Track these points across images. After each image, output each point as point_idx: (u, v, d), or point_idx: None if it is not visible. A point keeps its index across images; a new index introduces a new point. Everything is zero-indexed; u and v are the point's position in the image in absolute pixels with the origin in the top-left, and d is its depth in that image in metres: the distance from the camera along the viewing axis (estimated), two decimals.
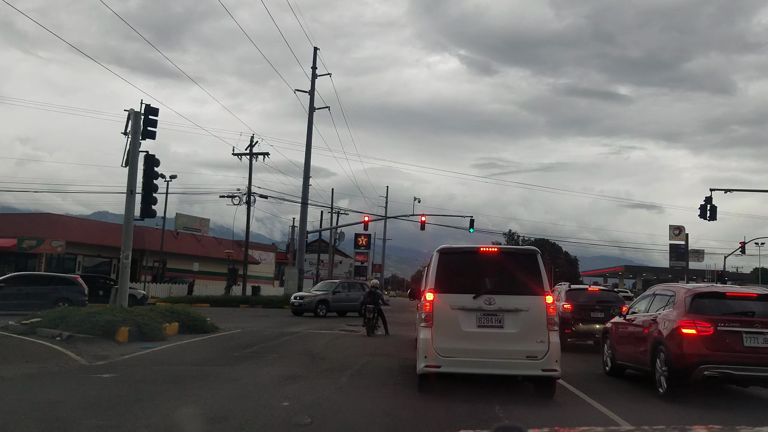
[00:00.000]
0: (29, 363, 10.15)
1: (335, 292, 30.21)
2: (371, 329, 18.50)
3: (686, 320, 8.81)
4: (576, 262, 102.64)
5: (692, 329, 8.68)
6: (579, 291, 17.90)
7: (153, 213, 18.41)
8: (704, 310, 8.93)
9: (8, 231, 42.00)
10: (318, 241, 64.05)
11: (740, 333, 8.52)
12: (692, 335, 8.66)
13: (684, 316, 8.92)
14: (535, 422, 7.13)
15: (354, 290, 31.10)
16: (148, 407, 7.18)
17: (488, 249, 9.36)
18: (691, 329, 8.69)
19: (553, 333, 8.27)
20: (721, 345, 8.49)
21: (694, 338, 8.62)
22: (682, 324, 8.82)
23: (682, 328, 8.78)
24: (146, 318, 14.67)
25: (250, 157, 38.71)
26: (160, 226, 45.43)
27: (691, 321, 8.75)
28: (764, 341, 8.46)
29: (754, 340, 8.48)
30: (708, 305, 9.09)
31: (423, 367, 8.29)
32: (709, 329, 8.58)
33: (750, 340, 8.47)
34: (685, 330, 8.74)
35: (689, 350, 8.60)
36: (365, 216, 44.83)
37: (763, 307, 8.96)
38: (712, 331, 8.55)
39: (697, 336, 8.61)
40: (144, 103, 17.92)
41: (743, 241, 47.07)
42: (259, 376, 9.83)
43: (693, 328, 8.68)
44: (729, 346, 8.47)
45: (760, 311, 8.85)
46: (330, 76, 41.56)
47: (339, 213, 54.88)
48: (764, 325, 8.56)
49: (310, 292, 31.76)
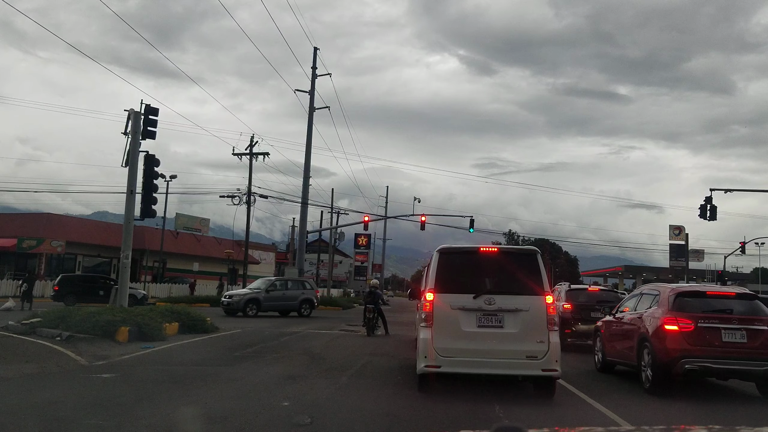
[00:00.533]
0: (29, 363, 10.14)
1: (269, 290, 28.05)
2: (371, 329, 18.51)
3: (669, 317, 9.31)
4: (576, 262, 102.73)
5: (674, 326, 9.19)
6: (579, 291, 17.91)
7: (153, 213, 18.41)
8: (686, 308, 9.44)
9: (8, 231, 42.03)
10: (318, 241, 64.06)
11: (719, 329, 9.05)
12: (674, 332, 9.16)
13: (667, 313, 9.42)
14: (536, 422, 7.12)
15: (294, 288, 29.08)
16: (148, 407, 7.18)
17: (488, 249, 9.36)
18: (674, 326, 9.19)
19: (553, 333, 8.28)
20: (701, 340, 9.00)
21: (676, 334, 9.14)
22: (665, 321, 9.31)
23: (665, 325, 9.27)
24: (146, 318, 14.67)
25: (250, 157, 38.70)
26: (160, 226, 45.45)
27: (674, 318, 9.26)
28: (741, 337, 9.01)
29: (731, 335, 9.02)
30: (690, 303, 9.60)
31: (423, 367, 8.29)
32: (690, 326, 9.10)
33: (728, 336, 9.01)
34: (668, 327, 9.23)
35: (672, 345, 9.10)
36: (365, 216, 44.80)
37: (740, 305, 9.56)
38: (693, 327, 9.08)
39: (679, 332, 9.13)
40: (144, 103, 17.93)
41: (743, 241, 47.07)
42: (259, 376, 9.84)
43: (675, 325, 9.19)
44: (708, 341, 8.98)
45: (738, 309, 9.43)
46: (330, 76, 41.56)
47: (339, 213, 54.87)
48: (741, 322, 9.12)
49: (244, 290, 29.94)
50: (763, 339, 9.02)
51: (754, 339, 9.00)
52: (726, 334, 9.01)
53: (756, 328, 9.07)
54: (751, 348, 8.95)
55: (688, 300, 9.71)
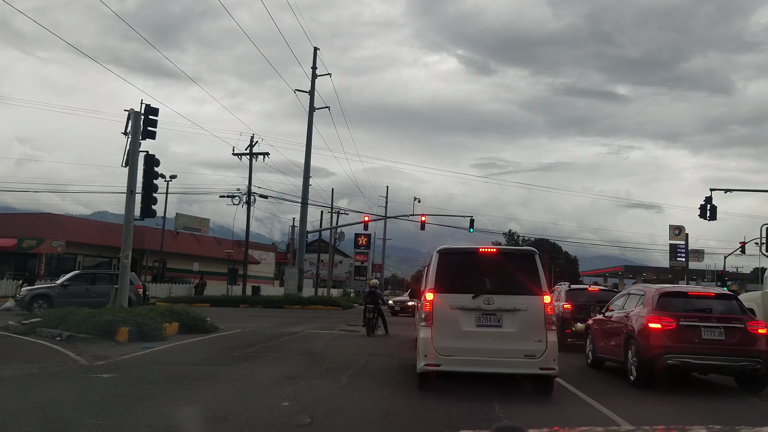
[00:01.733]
0: (29, 363, 10.15)
1: (65, 285, 23.41)
2: (371, 329, 18.51)
3: (653, 316, 9.88)
4: (576, 262, 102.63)
5: (658, 324, 9.74)
6: (579, 291, 17.93)
7: (153, 213, 18.41)
8: (669, 308, 10.02)
9: (8, 231, 42.02)
10: (318, 241, 64.03)
11: (699, 327, 9.61)
12: (657, 329, 9.71)
13: (651, 312, 10.00)
14: (535, 422, 7.13)
15: (100, 283, 23.74)
16: (148, 407, 7.18)
17: (487, 249, 9.49)
18: (657, 324, 9.75)
19: (551, 332, 8.39)
20: (682, 337, 9.56)
21: (659, 332, 9.69)
22: (650, 319, 9.87)
23: (650, 323, 9.82)
24: (146, 318, 14.68)
25: (250, 157, 38.71)
26: (160, 226, 45.44)
27: (657, 317, 9.82)
28: (719, 334, 9.57)
29: (711, 333, 9.58)
30: (672, 303, 10.20)
31: (423, 366, 8.36)
32: (672, 324, 9.65)
33: (707, 333, 9.57)
34: (652, 325, 9.78)
35: (655, 342, 9.64)
36: (365, 216, 44.79)
37: (719, 304, 10.18)
38: (675, 325, 9.63)
39: (662, 330, 9.68)
40: (144, 103, 17.94)
41: (743, 241, 47.04)
42: (259, 376, 9.85)
43: (659, 323, 9.74)
44: (689, 338, 9.55)
45: (717, 308, 10.03)
46: (330, 76, 41.59)
47: (339, 213, 54.88)
48: (719, 321, 9.69)
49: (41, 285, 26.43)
50: (739, 336, 9.55)
51: (731, 336, 9.54)
52: (705, 332, 9.55)
53: (733, 326, 9.62)
54: (728, 345, 9.49)
55: (670, 300, 10.28)
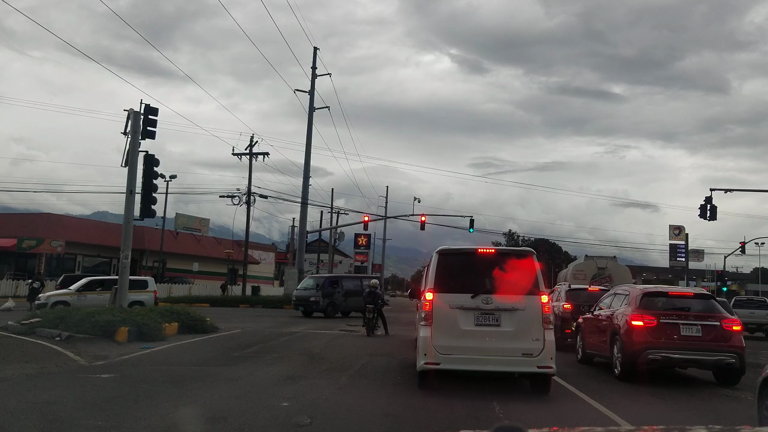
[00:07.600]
0: (29, 363, 10.15)
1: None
2: (371, 329, 18.51)
3: (635, 314, 10.57)
4: None
5: (640, 321, 10.42)
6: (579, 291, 17.92)
7: (153, 213, 18.41)
8: (651, 306, 10.72)
9: (8, 231, 41.99)
10: (318, 241, 64.05)
11: (678, 324, 10.34)
12: (640, 327, 10.39)
13: (634, 311, 10.68)
14: (535, 421, 7.14)
15: None
16: (148, 407, 7.18)
17: (485, 250, 9.56)
18: (639, 321, 10.43)
19: (548, 331, 8.48)
20: (662, 334, 10.27)
21: (641, 329, 10.37)
22: (632, 317, 10.57)
23: (632, 321, 10.52)
24: (146, 318, 14.67)
25: (250, 157, 38.71)
26: (159, 226, 45.45)
27: (639, 315, 10.51)
28: (697, 331, 10.28)
29: (689, 330, 10.29)
30: (654, 302, 10.89)
31: (423, 364, 8.44)
32: (653, 321, 10.35)
33: (686, 330, 10.29)
34: (635, 322, 10.48)
35: (638, 338, 10.32)
36: (365, 216, 44.82)
37: (697, 303, 10.90)
38: (656, 323, 10.34)
39: (644, 327, 10.36)
40: (143, 103, 17.93)
41: (743, 241, 47.03)
42: (259, 376, 9.85)
43: (641, 321, 10.43)
44: (669, 335, 10.27)
45: (695, 307, 10.73)
46: (330, 76, 41.62)
47: (339, 213, 54.90)
48: (697, 318, 10.43)
49: None
50: (715, 333, 10.29)
51: (707, 333, 10.25)
52: (684, 329, 10.28)
53: (709, 324, 10.35)
54: (705, 341, 10.18)
55: (652, 299, 10.96)
